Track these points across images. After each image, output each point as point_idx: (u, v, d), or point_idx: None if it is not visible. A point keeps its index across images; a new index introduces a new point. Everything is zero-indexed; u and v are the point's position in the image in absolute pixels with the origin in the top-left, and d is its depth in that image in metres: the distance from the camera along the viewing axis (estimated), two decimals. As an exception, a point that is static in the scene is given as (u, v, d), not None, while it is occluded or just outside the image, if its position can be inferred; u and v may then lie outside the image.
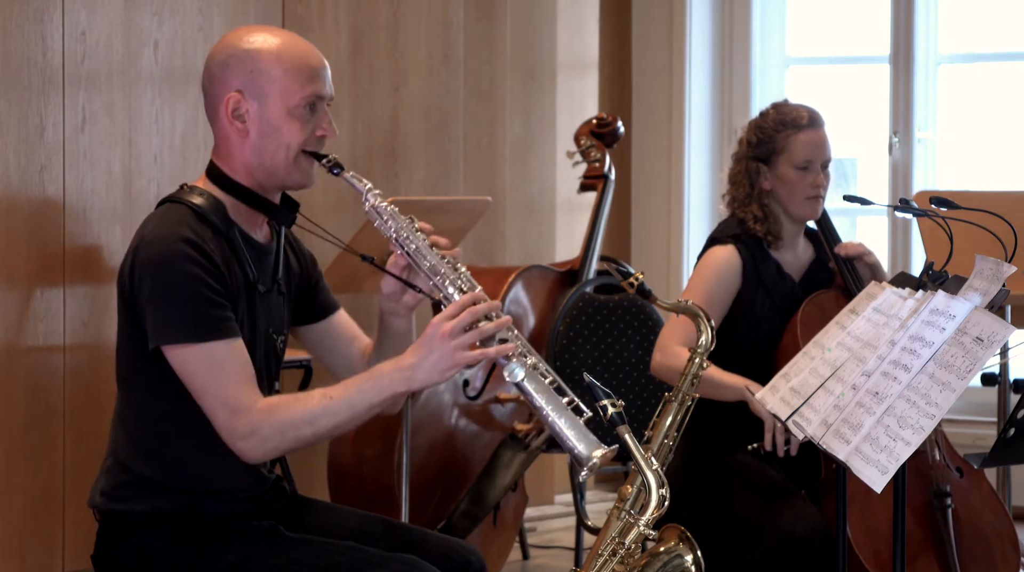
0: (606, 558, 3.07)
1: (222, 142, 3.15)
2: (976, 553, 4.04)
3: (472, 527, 4.98)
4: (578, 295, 4.96)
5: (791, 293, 4.23)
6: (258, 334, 3.15)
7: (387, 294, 3.24)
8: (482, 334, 3.02)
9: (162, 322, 2.99)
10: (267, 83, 3.09)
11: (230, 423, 2.99)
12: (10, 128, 4.53)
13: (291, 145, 3.11)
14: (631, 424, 3.06)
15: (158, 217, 3.10)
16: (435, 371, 3.01)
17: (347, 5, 5.65)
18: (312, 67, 3.13)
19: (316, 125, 3.14)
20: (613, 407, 2.98)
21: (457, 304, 3.05)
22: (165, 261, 2.99)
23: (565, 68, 6.73)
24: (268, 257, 3.19)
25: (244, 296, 3.10)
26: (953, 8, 6.91)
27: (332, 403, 3.01)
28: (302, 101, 3.10)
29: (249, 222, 3.16)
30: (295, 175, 3.14)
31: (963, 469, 4.13)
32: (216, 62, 3.13)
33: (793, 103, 4.30)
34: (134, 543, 3.08)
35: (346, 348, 3.36)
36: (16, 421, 4.55)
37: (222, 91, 3.11)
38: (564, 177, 6.52)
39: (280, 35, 3.15)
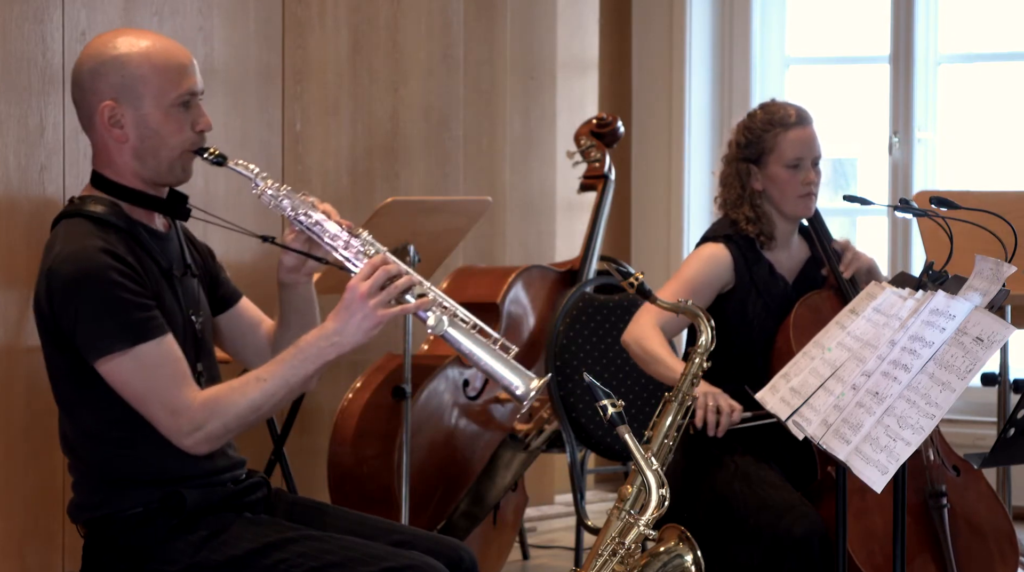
0: (606, 558, 3.07)
1: (101, 150, 3.17)
2: (973, 552, 4.04)
3: (472, 527, 4.98)
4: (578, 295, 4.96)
5: (784, 294, 4.23)
6: (182, 319, 3.17)
7: (288, 267, 3.28)
8: (397, 289, 3.07)
9: (93, 337, 3.00)
10: (140, 87, 3.12)
11: (173, 424, 3.03)
12: (10, 128, 4.54)
13: (173, 145, 3.15)
14: (631, 424, 3.06)
15: (63, 235, 3.10)
16: (359, 331, 3.05)
17: (347, 5, 5.65)
18: (181, 64, 3.15)
19: (194, 121, 3.16)
20: (613, 407, 2.98)
21: (369, 264, 3.09)
22: (84, 275, 3.00)
23: (565, 68, 6.73)
24: (172, 243, 3.23)
25: (164, 285, 3.13)
26: (953, 8, 6.91)
27: (267, 385, 3.05)
28: (176, 99, 3.14)
29: (147, 216, 3.19)
30: (178, 173, 3.19)
31: (960, 467, 4.13)
32: (85, 71, 3.16)
33: (779, 102, 4.29)
34: (126, 545, 3.09)
35: (253, 334, 3.40)
36: (16, 421, 4.55)
37: (95, 100, 3.14)
38: (564, 177, 6.52)
39: (144, 36, 3.17)
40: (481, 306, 5.30)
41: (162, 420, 3.03)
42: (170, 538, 3.07)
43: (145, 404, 3.03)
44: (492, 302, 5.29)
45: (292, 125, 5.45)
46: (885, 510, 3.92)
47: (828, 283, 4.28)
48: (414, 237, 4.66)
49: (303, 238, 3.22)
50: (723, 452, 4.13)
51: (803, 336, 4.05)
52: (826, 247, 4.28)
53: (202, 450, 3.06)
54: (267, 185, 3.19)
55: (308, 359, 3.06)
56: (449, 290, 5.37)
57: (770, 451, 4.14)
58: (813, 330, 4.07)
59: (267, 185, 3.19)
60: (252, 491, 3.24)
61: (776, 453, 4.14)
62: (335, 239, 3.15)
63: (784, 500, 3.95)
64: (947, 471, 4.08)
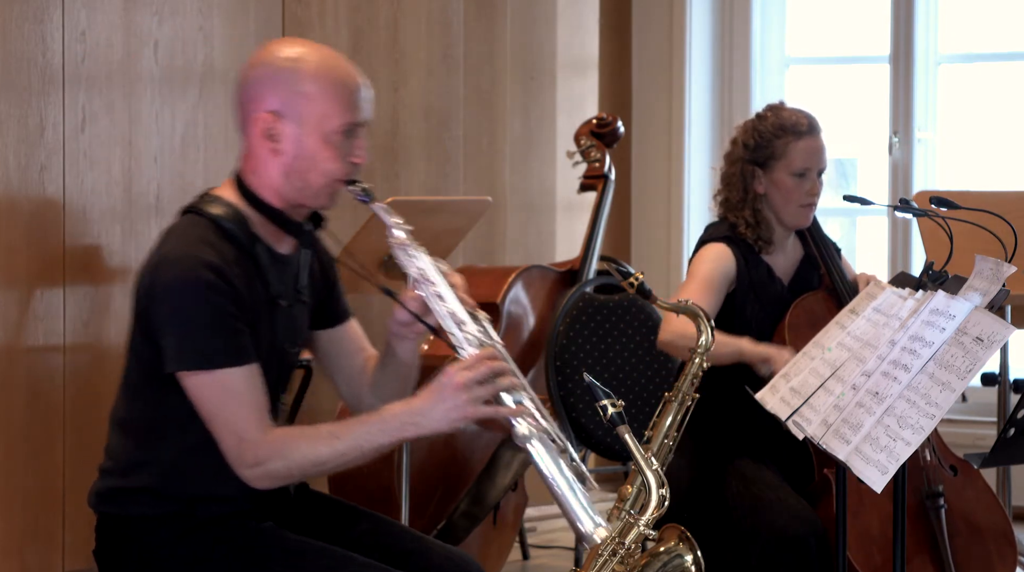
0: (606, 558, 3.07)
1: (251, 157, 3.08)
2: (972, 552, 4.04)
3: (472, 527, 4.98)
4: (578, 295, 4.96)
5: (780, 296, 4.22)
6: (275, 348, 3.13)
7: (401, 321, 3.20)
8: (496, 390, 2.99)
9: (178, 349, 2.96)
10: (305, 106, 3.02)
11: (237, 451, 2.99)
12: (10, 128, 4.53)
13: (327, 172, 3.06)
14: (631, 424, 3.06)
15: (180, 232, 3.05)
16: (443, 420, 2.99)
17: (347, 5, 5.65)
18: (353, 92, 3.07)
19: (351, 151, 3.08)
20: (613, 407, 2.98)
21: (476, 356, 3.01)
22: (184, 287, 2.95)
23: (565, 68, 6.73)
24: (292, 267, 3.15)
25: (265, 313, 3.07)
26: (953, 8, 6.91)
27: (339, 445, 3.00)
28: (340, 127, 3.05)
29: (274, 236, 3.11)
30: (323, 200, 3.10)
31: (957, 467, 4.13)
32: (253, 77, 3.06)
33: (791, 107, 4.28)
34: (134, 543, 3.09)
35: (350, 357, 3.33)
36: (16, 421, 4.55)
37: (255, 107, 3.04)
38: (564, 177, 6.52)
39: (320, 53, 3.07)
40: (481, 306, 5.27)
41: (229, 445, 2.99)
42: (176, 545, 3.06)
43: (216, 425, 2.99)
44: (492, 302, 5.29)
45: (292, 125, 5.44)
46: (881, 511, 3.92)
47: (823, 284, 4.27)
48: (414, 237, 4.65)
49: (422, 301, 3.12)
50: (723, 455, 4.13)
51: (798, 337, 4.05)
52: (822, 249, 4.28)
53: (259, 485, 3.02)
54: (403, 238, 3.11)
55: (386, 431, 3.01)
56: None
57: (769, 452, 4.14)
58: (808, 331, 4.08)
59: (403, 238, 3.11)
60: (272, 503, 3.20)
61: (775, 454, 4.14)
62: (451, 316, 3.07)
63: (780, 500, 3.95)
64: (944, 471, 4.08)
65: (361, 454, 3.02)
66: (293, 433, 3.04)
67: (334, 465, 3.03)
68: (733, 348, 3.98)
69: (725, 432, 4.15)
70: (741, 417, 4.14)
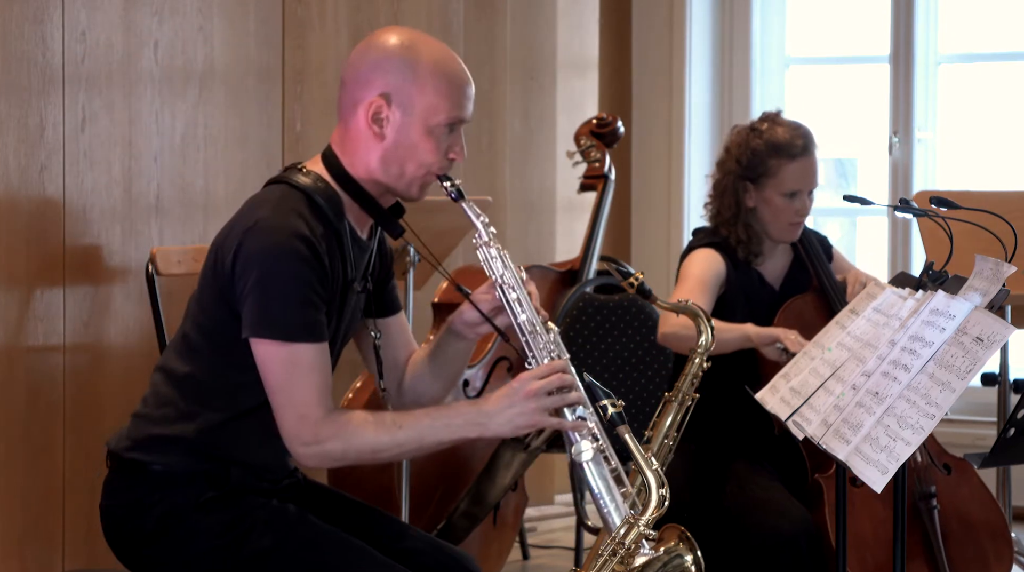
0: (606, 558, 3.07)
1: (351, 139, 3.10)
2: (967, 553, 4.03)
3: (472, 527, 4.97)
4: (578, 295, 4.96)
5: (770, 302, 4.22)
6: (341, 330, 3.15)
7: (467, 321, 3.23)
8: (564, 402, 3.02)
9: (259, 316, 2.97)
10: (417, 95, 3.05)
11: (296, 427, 2.99)
12: (10, 128, 4.53)
13: (424, 163, 3.09)
14: (631, 424, 3.06)
15: (275, 201, 3.05)
16: (509, 425, 3.03)
17: (347, 5, 5.65)
18: (463, 88, 3.10)
19: (450, 146, 3.11)
20: (613, 407, 2.98)
21: (549, 366, 3.04)
22: (276, 255, 2.96)
23: (565, 68, 6.72)
24: (366, 254, 3.18)
25: (340, 294, 3.10)
26: (953, 8, 6.91)
27: (400, 434, 3.02)
28: (446, 120, 3.08)
29: (359, 219, 3.14)
30: (414, 191, 3.13)
31: (951, 465, 4.12)
32: (368, 60, 3.08)
33: (786, 122, 4.24)
34: (157, 497, 3.07)
35: (396, 350, 3.34)
36: (16, 421, 4.55)
37: (367, 92, 3.07)
38: (564, 177, 6.51)
39: (436, 47, 3.10)
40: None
41: (288, 419, 2.99)
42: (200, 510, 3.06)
43: (279, 398, 2.99)
44: (492, 302, 5.28)
45: (292, 125, 5.45)
46: (873, 515, 3.92)
47: (811, 286, 4.27)
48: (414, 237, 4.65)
49: (496, 303, 3.16)
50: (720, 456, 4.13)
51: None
52: (810, 253, 4.27)
53: (311, 463, 3.04)
54: (490, 239, 3.14)
55: (451, 427, 3.03)
56: (449, 290, 5.37)
57: (765, 453, 4.14)
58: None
59: (490, 239, 3.14)
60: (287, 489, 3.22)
61: (771, 455, 4.14)
62: (527, 324, 3.10)
63: (773, 500, 3.95)
64: (937, 470, 4.08)
65: (419, 447, 3.04)
66: (356, 415, 3.04)
67: (391, 455, 3.05)
68: (738, 333, 3.99)
69: (722, 434, 4.14)
70: (738, 418, 4.14)
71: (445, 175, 3.12)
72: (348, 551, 3.09)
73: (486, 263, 3.14)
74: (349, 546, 3.10)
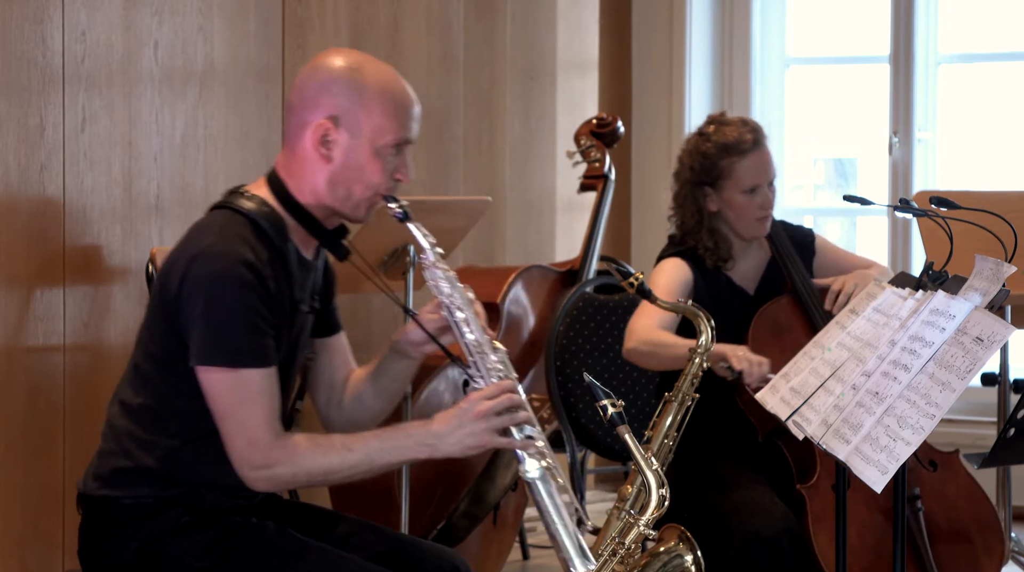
0: (606, 558, 3.07)
1: (297, 162, 3.10)
2: (956, 553, 4.01)
3: (472, 527, 4.98)
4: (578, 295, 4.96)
5: (743, 306, 4.19)
6: (293, 353, 3.15)
7: (412, 341, 3.24)
8: (514, 421, 3.03)
9: (205, 343, 2.97)
10: (364, 117, 3.06)
11: (245, 452, 3.00)
12: (10, 128, 4.53)
13: (372, 185, 3.09)
14: (631, 424, 3.06)
15: (220, 227, 3.05)
16: (459, 445, 3.03)
17: (347, 5, 5.65)
18: (409, 110, 3.11)
19: (397, 167, 3.12)
20: (613, 407, 2.98)
21: (497, 386, 3.05)
22: (221, 282, 2.97)
23: (565, 68, 6.72)
24: (312, 274, 3.18)
25: (288, 317, 3.09)
26: (953, 8, 6.91)
27: (350, 457, 3.02)
28: (393, 142, 3.09)
29: (304, 241, 3.14)
30: (361, 213, 3.13)
31: (937, 461, 4.09)
32: (315, 83, 3.09)
33: (733, 120, 4.21)
34: (132, 531, 3.06)
35: (336, 370, 3.34)
36: (16, 421, 4.55)
37: (314, 114, 3.07)
38: (564, 177, 6.51)
39: (382, 69, 3.11)
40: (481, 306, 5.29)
41: (237, 445, 3.00)
42: (178, 535, 3.06)
43: (227, 424, 3.00)
44: (492, 302, 5.29)
45: (292, 125, 5.44)
46: (859, 520, 3.91)
47: (786, 288, 4.24)
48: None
49: (442, 324, 3.17)
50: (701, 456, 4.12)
51: (762, 350, 4.03)
52: (782, 254, 4.25)
53: (261, 488, 3.04)
54: (437, 260, 3.13)
55: (401, 449, 3.03)
56: (449, 290, 5.37)
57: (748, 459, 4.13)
58: (771, 341, 4.07)
59: (437, 260, 3.13)
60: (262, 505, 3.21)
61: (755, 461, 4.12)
62: (475, 345, 3.10)
63: (754, 500, 3.94)
64: (923, 469, 4.05)
65: (370, 468, 3.04)
66: (303, 440, 3.03)
67: (342, 477, 3.05)
68: (684, 349, 3.95)
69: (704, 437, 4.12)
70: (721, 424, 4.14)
71: (391, 196, 3.12)
72: (332, 562, 3.08)
73: (433, 284, 3.13)
74: (333, 557, 3.09)
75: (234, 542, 3.07)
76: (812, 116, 7.29)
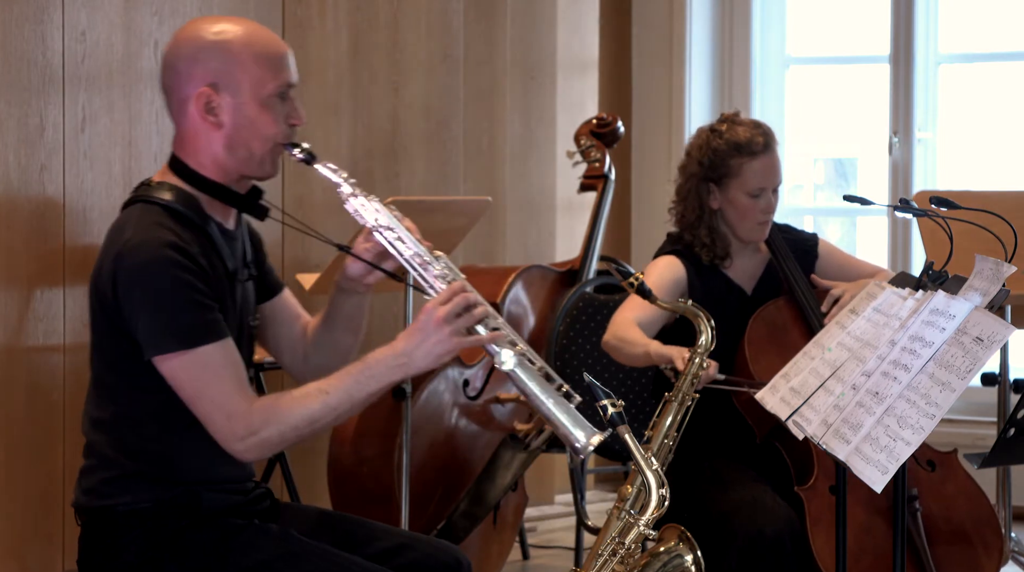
0: (606, 558, 3.07)
1: (190, 138, 3.10)
2: (954, 553, 4.01)
3: (472, 527, 4.98)
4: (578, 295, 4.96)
5: (741, 307, 4.19)
6: (240, 322, 3.14)
7: (353, 275, 3.22)
8: (474, 319, 3.01)
9: (155, 333, 2.96)
10: (240, 74, 3.06)
11: (227, 427, 2.98)
12: (10, 128, 4.54)
13: (268, 137, 3.09)
14: (631, 424, 3.06)
15: (135, 220, 3.04)
16: (431, 356, 3.00)
17: (347, 5, 5.65)
18: (280, 55, 3.10)
19: (288, 114, 3.11)
20: (613, 407, 2.98)
21: (449, 289, 3.03)
22: (151, 269, 2.95)
23: (565, 68, 6.73)
24: (238, 243, 3.18)
25: (227, 288, 3.09)
26: (953, 8, 6.91)
27: (330, 398, 2.99)
28: (275, 90, 3.08)
29: (222, 212, 3.13)
30: (267, 167, 3.13)
31: (935, 461, 4.09)
32: (182, 56, 3.09)
33: (746, 121, 4.21)
34: (131, 539, 3.05)
35: (290, 326, 3.35)
36: (16, 421, 4.55)
37: (191, 86, 3.07)
38: (564, 177, 6.52)
39: (242, 24, 3.12)
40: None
41: (217, 422, 2.98)
42: (178, 538, 3.05)
43: (201, 405, 2.98)
44: (492, 302, 5.29)
45: (292, 125, 5.45)
46: (857, 522, 3.91)
47: (783, 290, 4.24)
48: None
49: (378, 250, 3.15)
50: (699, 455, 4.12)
51: (759, 352, 4.03)
52: (779, 257, 4.25)
53: (251, 457, 3.02)
54: (353, 191, 3.12)
55: (375, 377, 3.00)
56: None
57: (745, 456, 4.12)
58: (767, 343, 4.07)
59: (353, 191, 3.12)
60: (259, 501, 3.22)
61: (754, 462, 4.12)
62: (415, 258, 3.08)
63: (755, 499, 3.93)
64: (921, 469, 4.05)
65: (352, 405, 3.01)
66: (282, 397, 3.02)
67: (327, 421, 3.01)
68: (641, 349, 3.96)
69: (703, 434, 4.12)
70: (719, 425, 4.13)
71: (291, 142, 3.12)
72: (334, 564, 3.07)
73: (356, 213, 3.11)
74: (334, 559, 3.09)
75: (234, 544, 3.07)
76: (812, 116, 7.29)
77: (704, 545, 3.92)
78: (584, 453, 2.99)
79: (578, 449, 2.98)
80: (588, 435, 2.98)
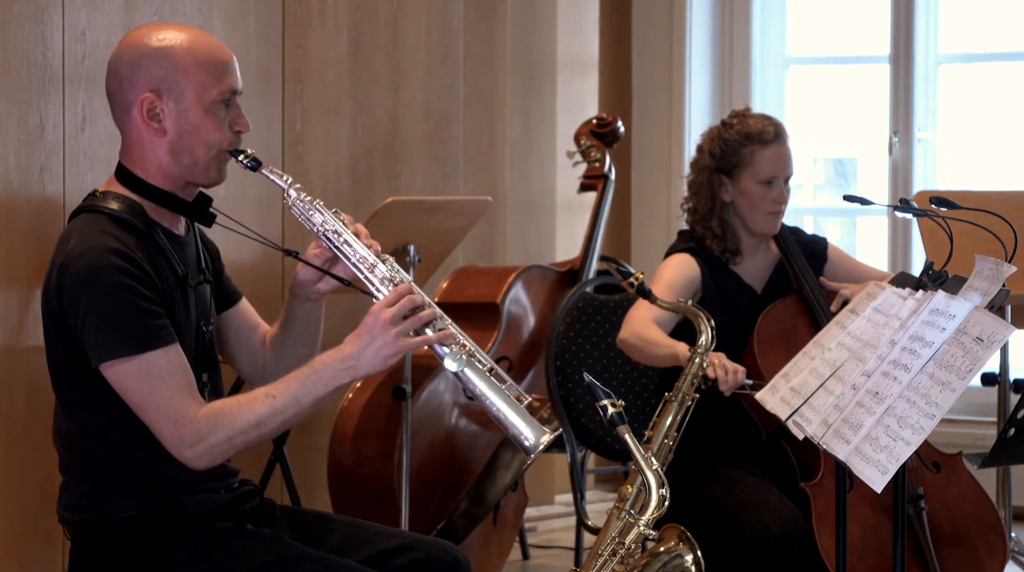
0: (606, 558, 3.07)
1: (134, 145, 3.09)
2: (958, 553, 4.01)
3: (472, 527, 4.98)
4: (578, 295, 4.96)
5: (751, 305, 4.20)
6: (193, 328, 3.13)
7: (304, 281, 3.22)
8: (420, 321, 3.02)
9: (100, 340, 2.95)
10: (183, 80, 3.05)
11: (175, 434, 2.97)
12: (10, 128, 4.54)
13: (212, 143, 3.08)
14: (631, 424, 3.06)
15: (79, 230, 3.04)
16: (377, 358, 3.00)
17: (347, 5, 5.65)
18: (224, 62, 3.09)
19: (233, 120, 3.11)
20: (613, 407, 2.98)
21: (395, 292, 3.03)
22: (95, 275, 2.95)
23: (565, 68, 6.73)
24: (190, 248, 3.17)
25: (178, 294, 3.08)
26: (953, 8, 6.91)
27: (277, 402, 2.99)
28: (218, 96, 3.07)
29: (169, 219, 3.13)
30: (212, 174, 3.12)
31: (940, 462, 4.10)
32: (125, 62, 3.08)
33: (756, 114, 4.26)
34: (120, 544, 3.04)
35: (249, 335, 3.35)
36: (16, 421, 4.55)
37: (134, 92, 3.06)
38: (564, 177, 6.52)
39: (186, 31, 3.11)
40: (481, 306, 5.30)
41: (165, 429, 2.97)
42: (167, 546, 3.04)
43: (148, 412, 2.97)
44: (492, 302, 5.29)
45: (292, 125, 5.45)
46: (863, 520, 3.91)
47: (792, 289, 4.25)
48: (414, 237, 4.66)
49: (327, 255, 3.16)
50: (704, 455, 4.12)
51: (767, 350, 4.04)
52: (789, 255, 4.25)
53: (202, 464, 3.00)
54: (299, 196, 3.11)
55: (321, 381, 3.00)
56: (449, 290, 5.37)
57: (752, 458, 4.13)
58: (776, 341, 4.07)
59: (299, 196, 3.11)
60: (246, 500, 3.20)
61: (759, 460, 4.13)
62: (362, 261, 3.08)
63: (762, 499, 3.94)
64: (926, 470, 4.06)
65: (299, 409, 3.00)
66: (228, 402, 3.02)
67: (275, 426, 3.00)
68: (669, 350, 3.96)
69: (706, 432, 4.13)
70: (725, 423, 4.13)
71: (237, 150, 3.11)
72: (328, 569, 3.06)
73: (302, 218, 3.11)
74: (329, 564, 3.08)
75: (226, 550, 3.06)
76: (812, 116, 7.30)
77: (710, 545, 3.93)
78: (534, 452, 2.97)
79: (527, 449, 2.97)
80: (538, 435, 2.97)
